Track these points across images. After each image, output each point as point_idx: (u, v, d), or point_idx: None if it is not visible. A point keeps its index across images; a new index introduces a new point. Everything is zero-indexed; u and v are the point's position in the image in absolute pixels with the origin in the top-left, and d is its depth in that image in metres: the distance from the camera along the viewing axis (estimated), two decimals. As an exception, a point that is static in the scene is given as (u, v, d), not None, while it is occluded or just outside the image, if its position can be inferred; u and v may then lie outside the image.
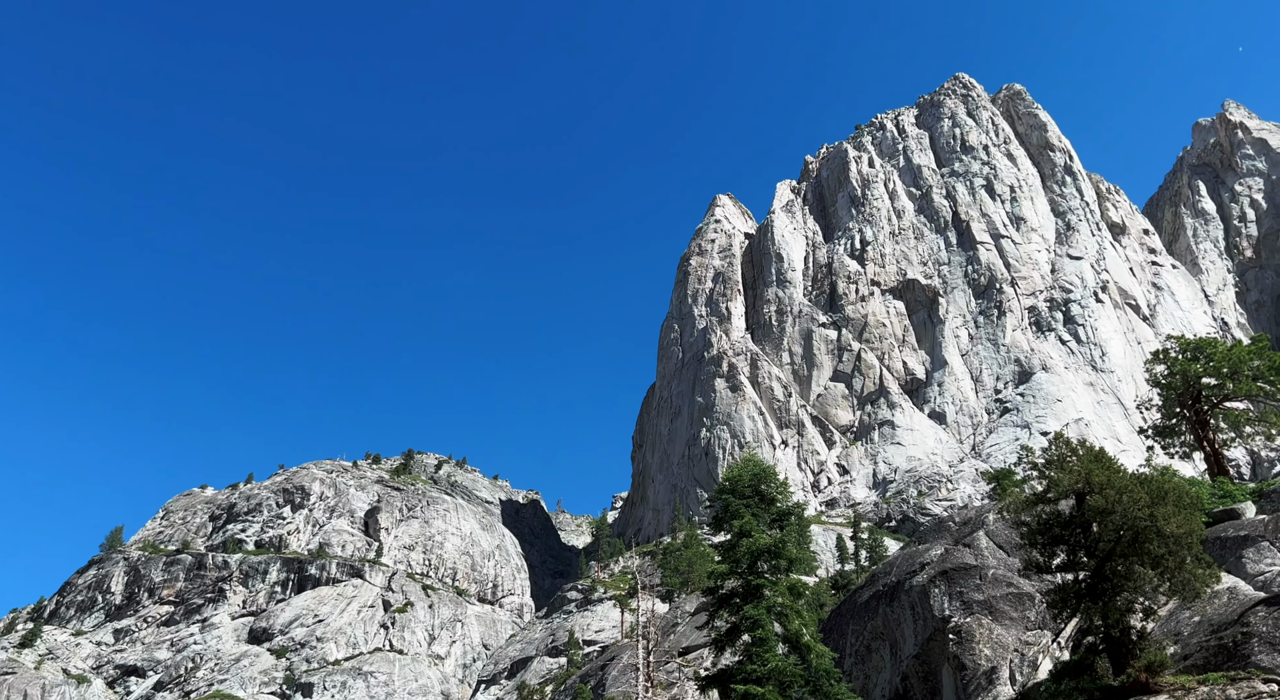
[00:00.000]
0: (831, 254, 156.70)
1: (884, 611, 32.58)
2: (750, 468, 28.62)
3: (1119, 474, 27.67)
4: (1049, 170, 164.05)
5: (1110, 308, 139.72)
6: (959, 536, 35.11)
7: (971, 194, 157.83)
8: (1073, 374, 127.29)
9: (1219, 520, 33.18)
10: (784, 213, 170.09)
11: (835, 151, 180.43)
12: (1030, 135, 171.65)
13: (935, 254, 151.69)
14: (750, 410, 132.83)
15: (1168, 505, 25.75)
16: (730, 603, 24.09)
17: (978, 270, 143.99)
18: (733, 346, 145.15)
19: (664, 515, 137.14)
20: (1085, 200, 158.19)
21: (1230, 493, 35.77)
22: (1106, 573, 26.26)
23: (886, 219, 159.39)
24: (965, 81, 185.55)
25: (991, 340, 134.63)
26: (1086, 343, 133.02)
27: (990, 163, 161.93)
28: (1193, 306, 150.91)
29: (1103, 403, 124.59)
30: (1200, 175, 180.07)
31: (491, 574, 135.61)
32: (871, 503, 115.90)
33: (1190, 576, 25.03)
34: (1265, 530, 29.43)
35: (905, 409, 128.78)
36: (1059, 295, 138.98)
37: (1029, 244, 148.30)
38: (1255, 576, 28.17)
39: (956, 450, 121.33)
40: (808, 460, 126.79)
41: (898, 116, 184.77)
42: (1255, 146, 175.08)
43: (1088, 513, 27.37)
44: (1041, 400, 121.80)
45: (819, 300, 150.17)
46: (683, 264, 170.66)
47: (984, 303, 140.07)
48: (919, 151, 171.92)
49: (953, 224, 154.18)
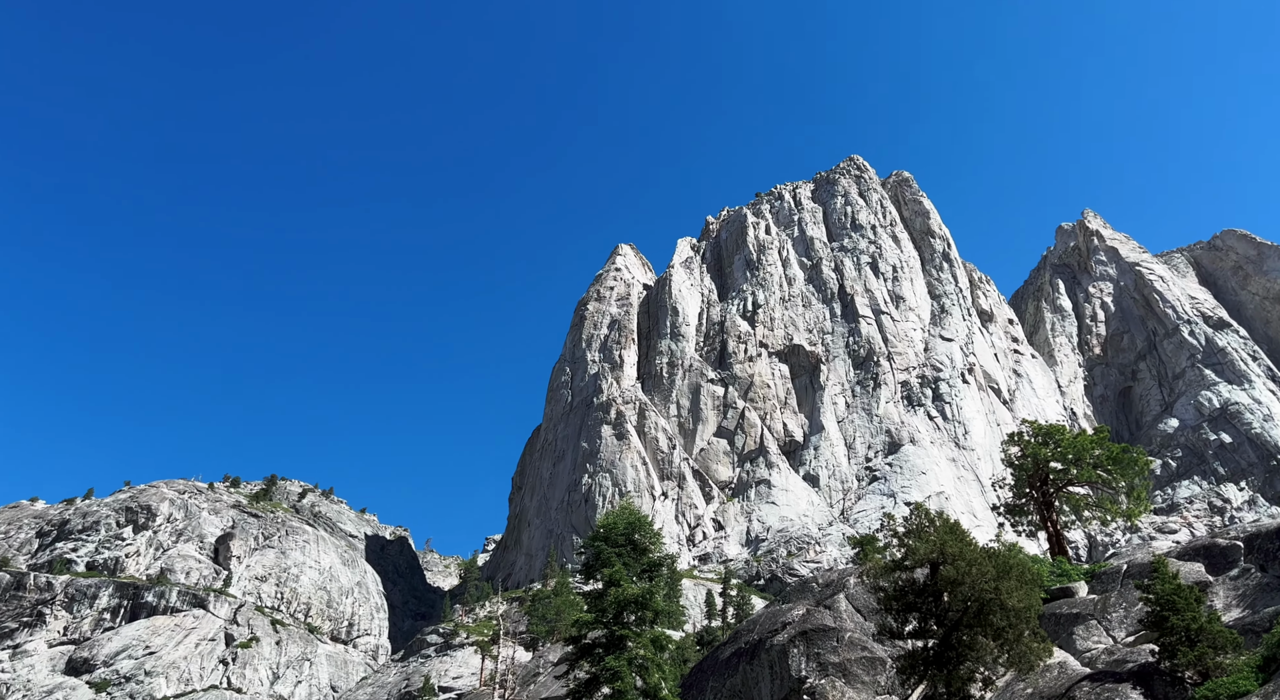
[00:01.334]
0: (725, 313, 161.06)
1: (744, 669, 32.95)
2: (626, 516, 28.64)
3: (970, 547, 29.23)
4: (929, 255, 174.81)
5: (975, 389, 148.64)
6: (820, 598, 36.06)
7: (858, 269, 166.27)
8: (937, 449, 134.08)
9: (1056, 597, 35.36)
10: (683, 268, 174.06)
11: (735, 215, 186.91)
12: (914, 220, 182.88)
13: (821, 323, 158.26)
14: (634, 459, 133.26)
15: (1011, 580, 27.35)
16: (593, 653, 23.81)
17: (858, 342, 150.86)
18: (623, 394, 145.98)
19: (537, 561, 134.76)
20: (959, 286, 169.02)
21: (1067, 572, 38.23)
22: (953, 641, 27.55)
23: (778, 285, 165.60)
24: (859, 163, 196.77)
25: (866, 410, 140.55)
26: (952, 420, 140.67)
27: (877, 242, 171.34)
28: (1047, 394, 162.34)
29: (963, 478, 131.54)
30: (1060, 274, 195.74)
31: (349, 612, 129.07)
32: (743, 560, 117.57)
33: (1027, 650, 26.56)
34: (1094, 610, 31.54)
35: (782, 469, 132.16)
36: (930, 373, 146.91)
37: (906, 322, 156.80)
38: (1083, 652, 30.08)
39: (827, 513, 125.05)
40: (685, 513, 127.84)
41: (795, 189, 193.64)
42: (1108, 253, 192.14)
43: (940, 582, 28.73)
44: (908, 471, 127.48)
45: (709, 356, 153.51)
46: (580, 308, 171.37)
47: (862, 373, 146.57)
48: (813, 224, 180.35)
49: (839, 296, 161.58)
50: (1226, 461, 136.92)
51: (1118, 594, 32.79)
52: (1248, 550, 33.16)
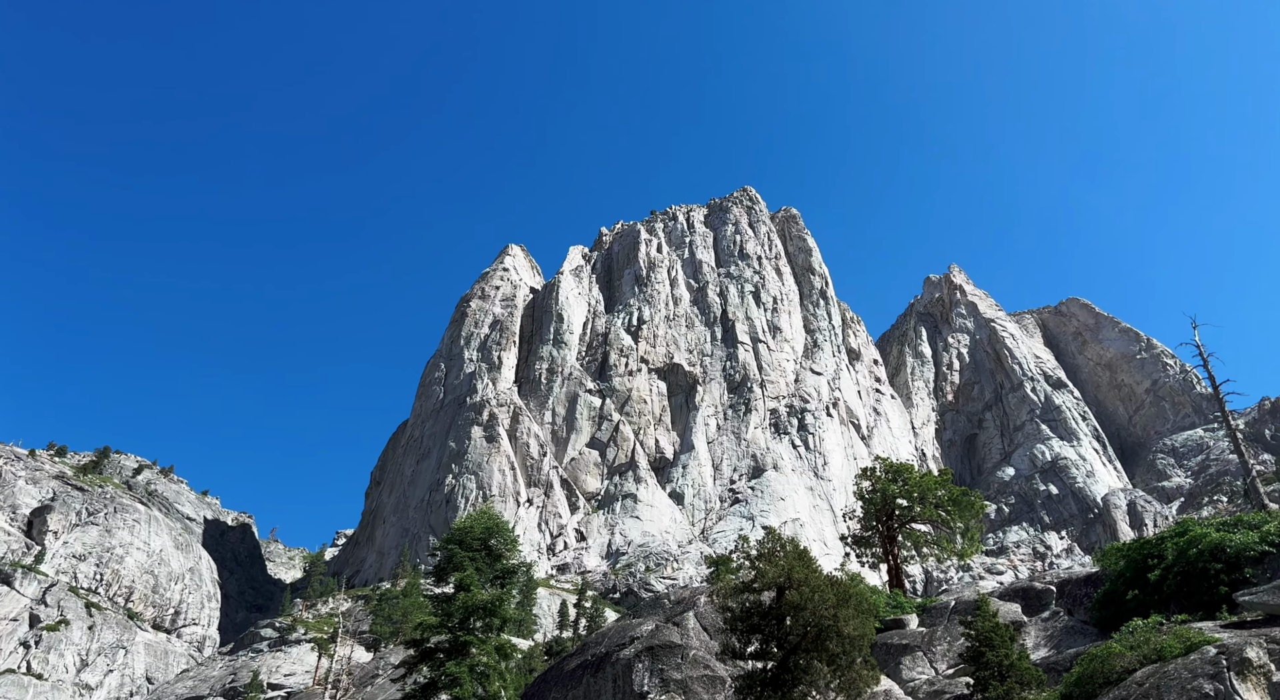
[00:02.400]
0: (610, 325, 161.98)
1: (588, 681, 32.99)
2: (484, 520, 28.26)
3: (816, 574, 30.44)
4: (808, 291, 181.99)
5: (838, 423, 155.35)
6: (671, 615, 36.59)
7: (741, 297, 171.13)
8: (798, 477, 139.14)
9: (889, 628, 37.22)
10: (572, 276, 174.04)
11: (629, 230, 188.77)
12: (798, 256, 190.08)
13: (701, 344, 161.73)
14: (503, 463, 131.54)
15: (850, 608, 28.65)
16: (434, 657, 23.25)
17: (735, 367, 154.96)
18: (498, 396, 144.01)
19: (389, 559, 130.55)
20: (833, 324, 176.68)
21: (901, 604, 40.29)
22: (790, 665, 28.55)
23: (665, 303, 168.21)
24: (752, 195, 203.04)
25: (736, 433, 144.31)
26: (814, 450, 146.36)
27: (761, 273, 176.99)
28: (902, 434, 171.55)
29: (818, 507, 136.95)
30: (924, 322, 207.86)
31: (176, 599, 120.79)
32: (601, 572, 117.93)
33: (857, 676, 27.84)
34: (921, 642, 33.41)
35: (650, 485, 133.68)
36: (798, 403, 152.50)
37: (781, 353, 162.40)
38: (908, 682, 31.80)
39: (688, 531, 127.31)
40: (549, 522, 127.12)
41: (690, 212, 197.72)
42: (968, 307, 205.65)
43: (784, 606, 29.76)
44: (768, 496, 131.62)
45: (590, 367, 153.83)
46: (462, 304, 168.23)
47: (735, 398, 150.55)
48: (703, 248, 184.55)
49: (721, 321, 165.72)
50: (1052, 511, 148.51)
51: (944, 628, 34.84)
52: (1059, 594, 35.99)
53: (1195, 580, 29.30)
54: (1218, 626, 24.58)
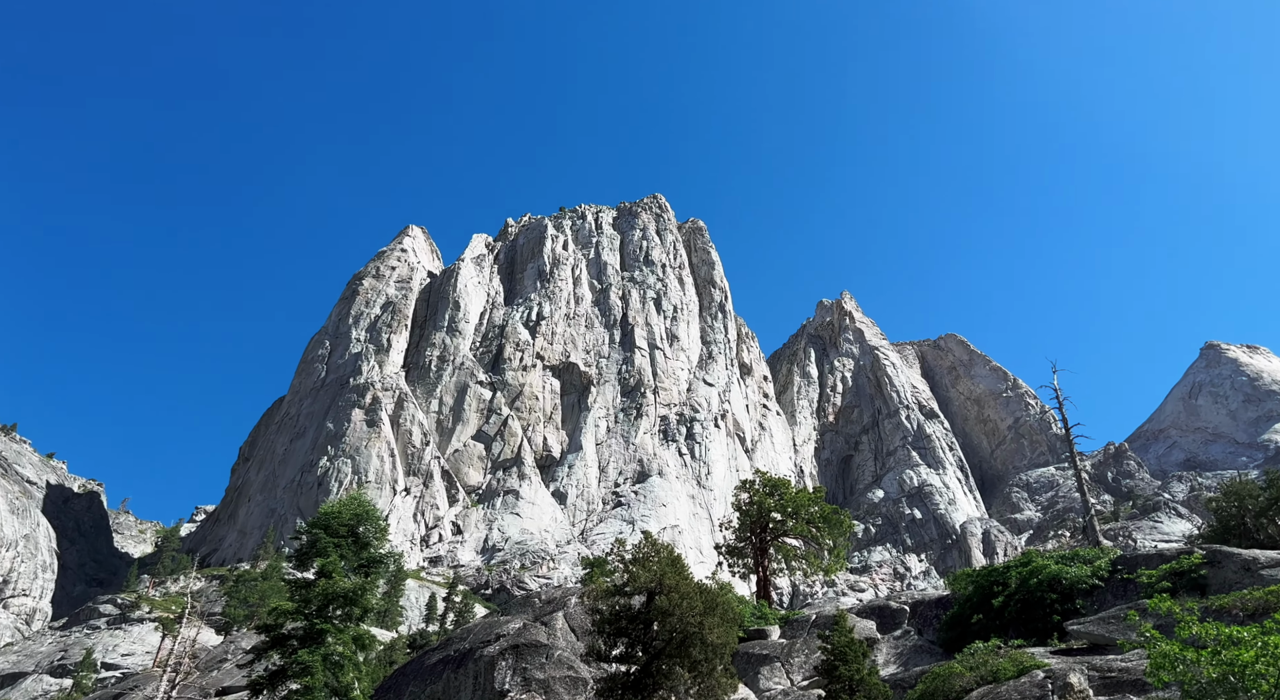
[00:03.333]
0: (508, 318, 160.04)
1: (448, 677, 32.39)
2: (353, 506, 27.32)
3: (687, 581, 30.91)
4: (707, 302, 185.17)
5: (724, 435, 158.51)
6: (540, 614, 36.41)
7: (643, 302, 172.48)
8: (681, 484, 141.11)
9: (752, 637, 38.16)
10: (473, 264, 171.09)
11: (536, 224, 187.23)
12: (701, 267, 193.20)
13: (599, 346, 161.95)
14: (383, 449, 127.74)
15: (716, 617, 29.23)
16: (286, 644, 22.28)
17: (630, 371, 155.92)
18: (383, 380, 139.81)
19: (252, 540, 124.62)
20: (728, 337, 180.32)
21: (766, 615, 41.39)
22: (653, 670, 28.88)
23: (566, 301, 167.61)
24: (661, 203, 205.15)
25: (625, 437, 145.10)
26: (699, 459, 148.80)
27: (664, 281, 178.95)
28: (783, 450, 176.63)
29: (698, 515, 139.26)
30: (814, 344, 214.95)
31: (5, 567, 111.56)
32: (475, 567, 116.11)
33: (716, 684, 28.42)
34: (781, 653, 34.41)
35: (533, 482, 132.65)
36: (688, 412, 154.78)
37: (676, 361, 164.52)
38: (765, 691, 32.68)
39: (568, 531, 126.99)
40: (426, 513, 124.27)
41: (599, 213, 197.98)
42: (855, 334, 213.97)
43: (653, 611, 30.08)
44: (651, 501, 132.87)
45: (483, 358, 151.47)
46: (354, 281, 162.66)
47: (627, 402, 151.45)
48: (609, 250, 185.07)
49: (621, 324, 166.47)
50: (914, 534, 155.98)
51: (803, 641, 36.00)
52: (912, 614, 37.78)
53: (1033, 608, 31.29)
54: (1048, 652, 26.33)
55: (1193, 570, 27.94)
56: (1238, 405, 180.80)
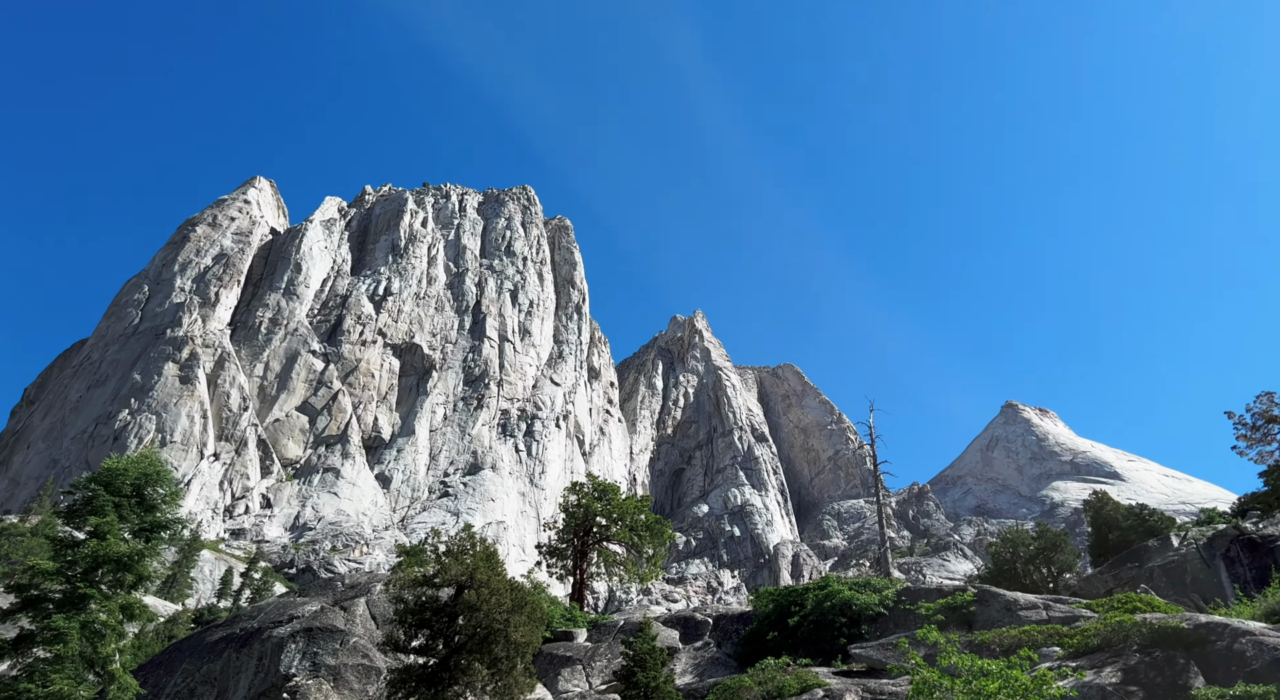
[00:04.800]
0: (353, 288, 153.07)
1: (229, 656, 30.36)
2: (143, 465, 25.08)
3: (499, 577, 30.54)
4: (564, 302, 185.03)
5: (564, 436, 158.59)
6: (340, 598, 34.88)
7: (499, 292, 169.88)
8: (513, 481, 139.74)
9: (558, 639, 38.23)
10: (322, 227, 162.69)
11: (396, 196, 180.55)
12: (562, 266, 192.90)
13: (447, 331, 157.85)
14: (194, 409, 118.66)
15: (523, 615, 29.04)
16: (40, 607, 20.06)
17: (477, 361, 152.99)
18: (205, 336, 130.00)
19: (26, 491, 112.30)
20: (581, 340, 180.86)
21: (575, 618, 41.59)
22: (451, 664, 28.28)
23: (418, 280, 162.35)
24: (530, 195, 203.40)
25: (461, 427, 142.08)
26: (535, 457, 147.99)
27: (524, 274, 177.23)
28: (620, 457, 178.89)
29: (525, 513, 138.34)
30: (663, 357, 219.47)
31: None
32: (281, 544, 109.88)
33: (513, 682, 28.20)
34: (584, 656, 34.66)
35: (357, 463, 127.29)
36: (531, 409, 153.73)
37: (526, 356, 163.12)
38: (563, 693, 32.77)
39: (388, 517, 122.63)
40: (234, 482, 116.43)
41: (464, 195, 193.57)
42: (702, 352, 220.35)
43: (460, 605, 29.50)
44: (480, 494, 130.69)
45: (320, 327, 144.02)
46: (186, 227, 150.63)
47: (469, 391, 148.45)
48: (470, 235, 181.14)
49: (473, 311, 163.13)
50: (731, 551, 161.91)
51: (608, 646, 36.42)
52: (715, 627, 39.08)
53: (824, 630, 33.15)
54: (831, 673, 27.93)
55: (964, 606, 30.50)
56: (1025, 461, 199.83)
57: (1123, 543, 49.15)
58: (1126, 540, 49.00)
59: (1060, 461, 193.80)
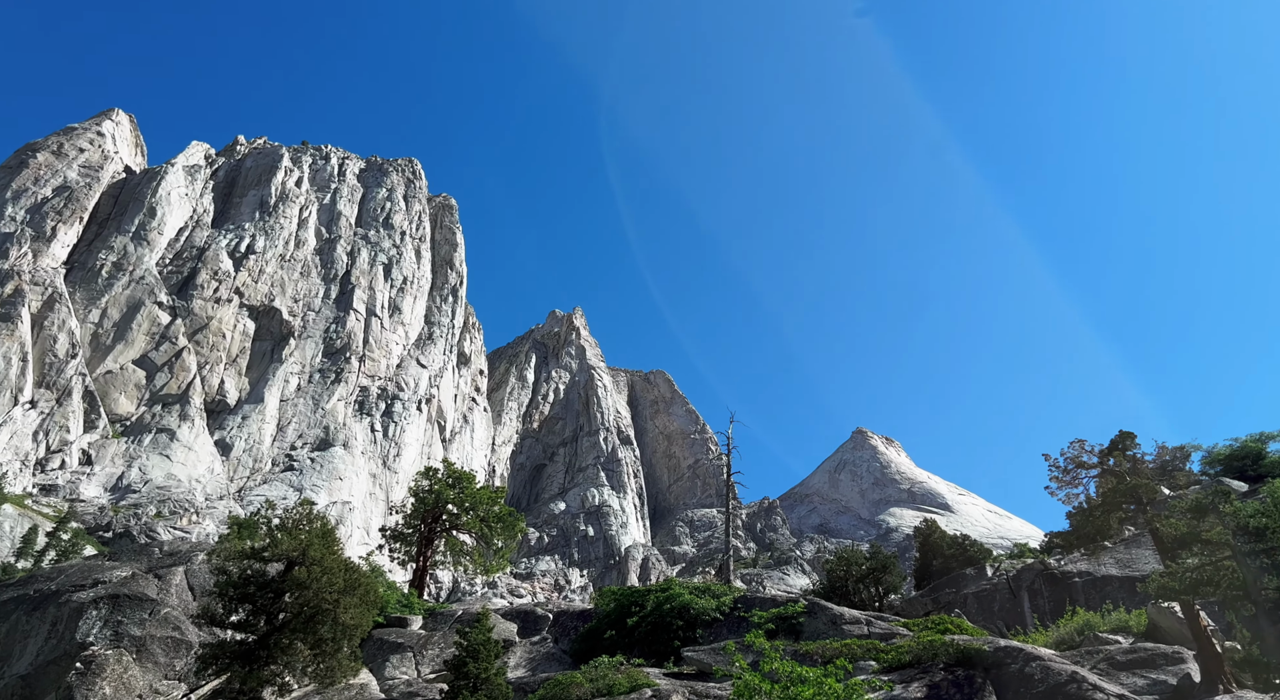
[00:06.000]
0: (212, 242, 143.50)
1: (18, 619, 27.70)
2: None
3: (335, 556, 29.31)
4: (440, 283, 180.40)
5: (425, 420, 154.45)
6: (156, 565, 32.55)
7: (371, 265, 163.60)
8: (365, 461, 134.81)
9: (391, 625, 37.14)
10: (185, 173, 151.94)
11: (270, 150, 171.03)
12: (442, 246, 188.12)
13: (311, 298, 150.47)
14: (12, 350, 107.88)
15: (355, 597, 27.98)
16: None
17: (340, 333, 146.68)
18: (35, 273, 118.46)
19: None
20: (454, 323, 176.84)
21: (412, 604, 40.53)
22: (271, 642, 26.87)
23: (285, 242, 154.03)
24: (416, 169, 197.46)
25: (315, 400, 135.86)
26: (392, 439, 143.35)
27: (400, 249, 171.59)
28: (481, 447, 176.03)
29: (374, 495, 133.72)
30: (537, 350, 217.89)
31: None
32: (99, 505, 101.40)
33: (336, 665, 27.10)
34: (416, 643, 33.80)
35: (196, 426, 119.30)
36: (392, 389, 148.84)
37: (394, 334, 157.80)
38: (389, 679, 31.81)
39: (224, 487, 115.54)
40: (52, 433, 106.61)
41: (345, 159, 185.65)
42: (577, 350, 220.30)
43: (288, 581, 28.08)
44: (328, 472, 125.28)
45: (170, 279, 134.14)
46: (25, 151, 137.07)
47: (328, 363, 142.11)
48: (348, 201, 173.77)
49: (341, 281, 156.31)
50: (583, 550, 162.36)
51: (443, 635, 35.67)
52: (554, 622, 38.99)
53: (661, 632, 33.70)
54: (662, 674, 28.40)
55: (794, 617, 31.75)
56: (868, 486, 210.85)
57: (945, 569, 52.61)
58: (948, 567, 52.50)
59: (899, 489, 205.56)
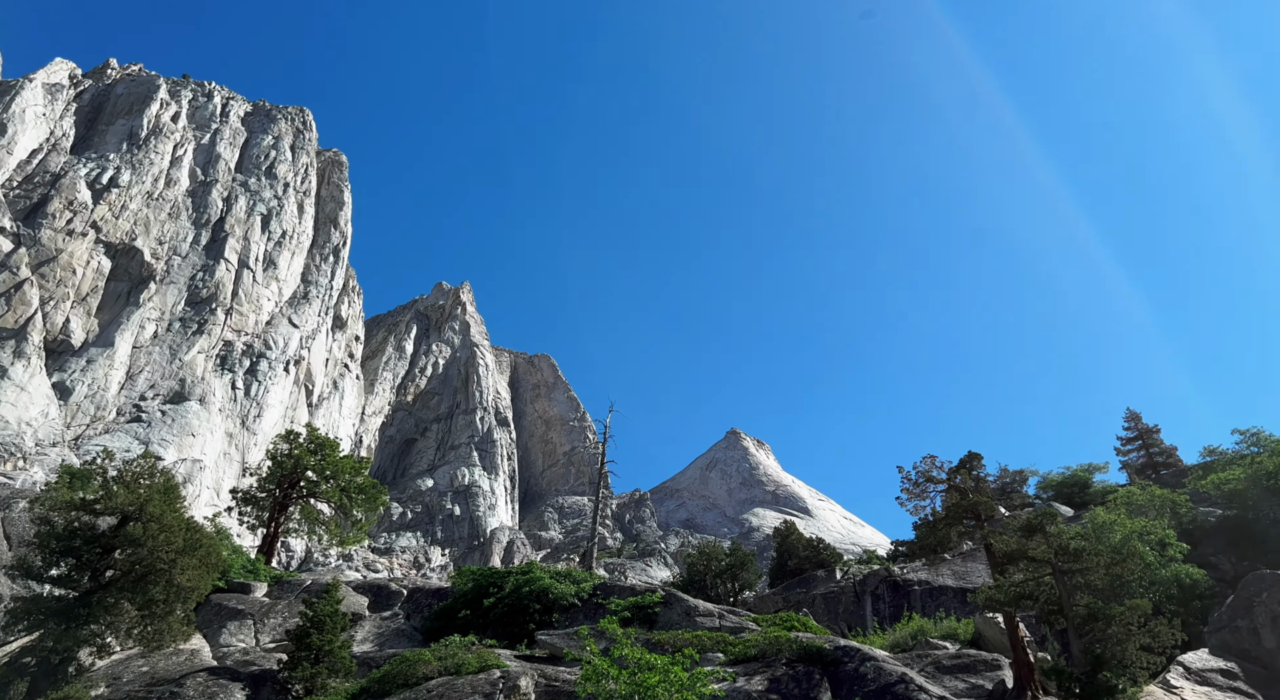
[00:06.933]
0: (70, 169, 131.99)
1: None
2: None
3: (176, 514, 27.60)
4: (323, 241, 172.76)
5: (292, 382, 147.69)
6: (-33, 513, 29.76)
7: (249, 214, 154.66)
8: (223, 419, 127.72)
9: (234, 590, 35.40)
10: (45, 90, 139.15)
11: (147, 79, 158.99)
12: (328, 204, 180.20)
13: (177, 242, 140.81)
14: None
15: (194, 558, 26.46)
16: None
17: (207, 282, 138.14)
18: None
19: None
20: (333, 284, 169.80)
21: (258, 571, 38.78)
22: (95, 601, 25.04)
23: (155, 178, 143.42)
24: (308, 119, 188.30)
25: (173, 350, 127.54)
26: (254, 399, 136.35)
27: (282, 201, 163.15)
28: (350, 415, 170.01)
29: (230, 456, 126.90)
30: (419, 321, 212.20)
31: None
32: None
33: (167, 628, 25.57)
34: (257, 611, 32.33)
35: (32, 365, 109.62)
36: (259, 347, 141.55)
37: (266, 289, 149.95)
38: (224, 646, 30.28)
39: (59, 433, 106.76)
40: None
41: (231, 99, 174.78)
42: (462, 326, 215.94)
43: (120, 537, 26.24)
44: (179, 427, 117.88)
45: (18, 203, 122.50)
46: None
47: (191, 313, 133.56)
48: (229, 145, 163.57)
49: (214, 227, 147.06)
50: (448, 529, 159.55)
51: (288, 604, 34.26)
52: (408, 599, 38.14)
53: (518, 614, 33.53)
54: (514, 656, 28.25)
55: (650, 607, 32.27)
56: (736, 486, 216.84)
57: (799, 570, 54.74)
58: (802, 568, 54.65)
59: (765, 491, 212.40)
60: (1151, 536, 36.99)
